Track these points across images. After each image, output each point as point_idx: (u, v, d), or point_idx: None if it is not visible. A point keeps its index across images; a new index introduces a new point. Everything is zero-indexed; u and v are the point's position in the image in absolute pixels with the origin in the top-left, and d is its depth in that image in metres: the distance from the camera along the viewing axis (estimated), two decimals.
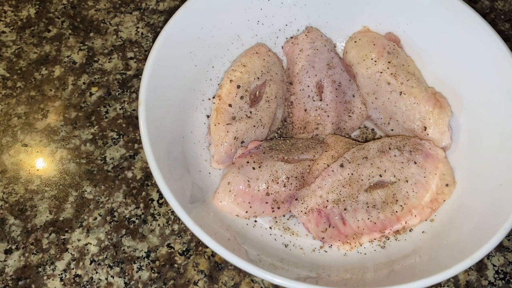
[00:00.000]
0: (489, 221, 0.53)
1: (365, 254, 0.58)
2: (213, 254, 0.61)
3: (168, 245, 0.61)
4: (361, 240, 0.59)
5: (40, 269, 0.59)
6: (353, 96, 0.68)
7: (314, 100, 0.66)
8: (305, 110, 0.66)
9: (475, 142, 0.62)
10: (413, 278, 0.48)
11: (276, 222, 0.61)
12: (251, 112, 0.64)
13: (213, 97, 0.66)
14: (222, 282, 0.59)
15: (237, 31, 0.68)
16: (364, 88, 0.68)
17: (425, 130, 0.63)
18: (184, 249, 0.61)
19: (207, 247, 0.57)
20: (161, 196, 0.64)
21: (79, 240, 0.61)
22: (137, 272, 0.59)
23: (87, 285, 0.58)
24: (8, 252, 0.60)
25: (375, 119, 0.68)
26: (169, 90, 0.60)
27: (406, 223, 0.59)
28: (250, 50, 0.68)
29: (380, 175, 0.59)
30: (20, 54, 0.74)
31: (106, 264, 0.60)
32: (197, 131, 0.64)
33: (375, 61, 0.66)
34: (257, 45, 0.69)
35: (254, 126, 0.63)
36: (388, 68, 0.65)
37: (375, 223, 0.58)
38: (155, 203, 0.64)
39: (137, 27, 0.78)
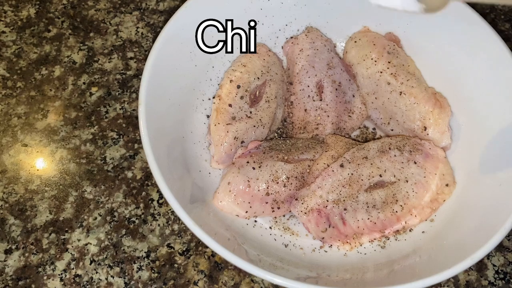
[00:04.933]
0: (489, 221, 0.53)
1: (365, 254, 0.58)
2: (213, 254, 0.61)
3: (168, 245, 0.61)
4: (361, 240, 0.59)
5: (40, 269, 0.59)
6: (353, 96, 0.68)
7: (314, 100, 0.66)
8: (305, 110, 0.66)
9: (475, 142, 0.62)
10: (413, 278, 0.48)
11: (276, 222, 0.61)
12: (251, 112, 0.64)
13: (213, 97, 0.66)
14: (222, 282, 0.59)
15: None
16: (364, 88, 0.68)
17: (425, 130, 0.63)
18: (184, 249, 0.61)
19: (207, 247, 0.57)
20: (161, 196, 0.64)
21: (79, 240, 0.61)
22: (137, 272, 0.59)
23: (87, 285, 0.58)
24: (8, 252, 0.60)
25: (375, 119, 0.68)
26: (169, 90, 0.60)
27: (406, 223, 0.59)
28: None
29: (380, 175, 0.59)
30: (20, 54, 0.74)
31: (106, 264, 0.60)
32: (197, 131, 0.64)
33: (375, 61, 0.66)
34: (257, 45, 0.69)
35: (254, 126, 0.63)
36: (388, 68, 0.65)
37: (375, 223, 0.58)
38: (155, 203, 0.64)
39: (137, 27, 0.78)
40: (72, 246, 0.61)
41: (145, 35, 0.77)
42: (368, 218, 0.58)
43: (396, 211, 0.59)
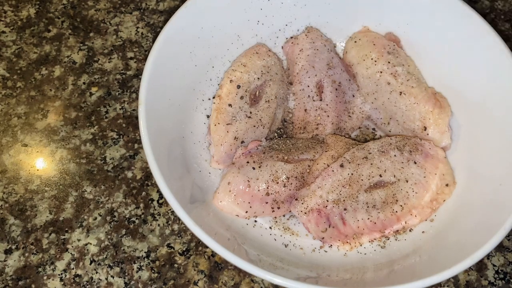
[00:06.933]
0: (489, 221, 0.53)
1: (365, 254, 0.58)
2: (213, 254, 0.61)
3: (168, 245, 0.61)
4: (361, 240, 0.59)
5: (40, 269, 0.59)
6: (353, 96, 0.68)
7: (314, 100, 0.66)
8: (305, 110, 0.66)
9: (475, 142, 0.62)
10: (413, 278, 0.48)
11: (276, 222, 0.61)
12: (251, 112, 0.64)
13: (213, 97, 0.66)
14: (222, 282, 0.59)
15: (237, 31, 0.68)
16: (364, 88, 0.68)
17: (425, 130, 0.63)
18: (184, 249, 0.61)
19: (207, 247, 0.57)
20: (161, 196, 0.64)
21: (79, 240, 0.61)
22: (137, 272, 0.59)
23: (87, 285, 0.58)
24: (8, 252, 0.60)
25: (375, 119, 0.68)
26: (169, 90, 0.60)
27: (406, 223, 0.59)
28: (250, 50, 0.68)
29: (380, 175, 0.59)
30: (20, 54, 0.74)
31: (106, 264, 0.60)
32: (197, 131, 0.64)
33: (375, 61, 0.66)
34: (257, 45, 0.69)
35: (254, 126, 0.63)
36: (388, 68, 0.65)
37: (375, 223, 0.58)
38: (155, 203, 0.64)
39: (137, 27, 0.78)
40: (72, 246, 0.61)
41: (145, 35, 0.77)
42: (368, 218, 0.58)
43: (396, 211, 0.59)
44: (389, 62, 0.65)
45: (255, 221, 0.60)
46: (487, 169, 0.58)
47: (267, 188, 0.58)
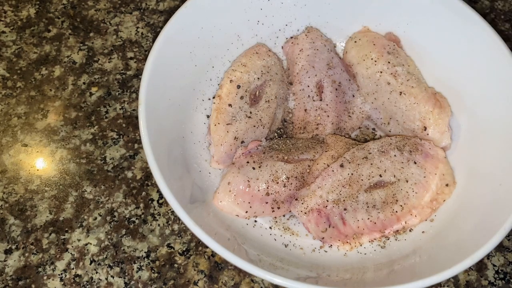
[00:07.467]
0: (489, 221, 0.53)
1: (365, 254, 0.58)
2: (213, 254, 0.61)
3: (168, 245, 0.61)
4: (361, 240, 0.59)
5: (40, 269, 0.59)
6: (353, 96, 0.68)
7: (314, 100, 0.66)
8: (305, 110, 0.66)
9: (475, 142, 0.62)
10: (413, 278, 0.48)
11: (276, 222, 0.61)
12: (251, 112, 0.64)
13: (213, 97, 0.66)
14: (222, 282, 0.59)
15: (237, 31, 0.68)
16: (364, 88, 0.68)
17: (425, 130, 0.63)
18: (184, 249, 0.61)
19: (207, 247, 0.57)
20: (161, 196, 0.64)
21: (79, 240, 0.61)
22: (137, 272, 0.59)
23: (87, 285, 0.58)
24: (8, 252, 0.60)
25: (375, 119, 0.68)
26: (169, 90, 0.61)
27: (406, 223, 0.59)
28: (250, 50, 0.68)
29: (380, 175, 0.59)
30: (20, 54, 0.74)
31: (106, 264, 0.60)
32: (197, 131, 0.64)
33: (375, 61, 0.66)
34: (257, 45, 0.69)
35: (254, 126, 0.63)
36: (388, 68, 0.65)
37: (375, 223, 0.58)
38: (155, 203, 0.64)
39: (137, 27, 0.78)
40: (72, 246, 0.61)
41: (145, 35, 0.77)
42: (368, 218, 0.58)
43: (396, 211, 0.59)
44: (389, 62, 0.65)
45: (255, 221, 0.60)
46: (487, 169, 0.58)
47: (267, 188, 0.58)
